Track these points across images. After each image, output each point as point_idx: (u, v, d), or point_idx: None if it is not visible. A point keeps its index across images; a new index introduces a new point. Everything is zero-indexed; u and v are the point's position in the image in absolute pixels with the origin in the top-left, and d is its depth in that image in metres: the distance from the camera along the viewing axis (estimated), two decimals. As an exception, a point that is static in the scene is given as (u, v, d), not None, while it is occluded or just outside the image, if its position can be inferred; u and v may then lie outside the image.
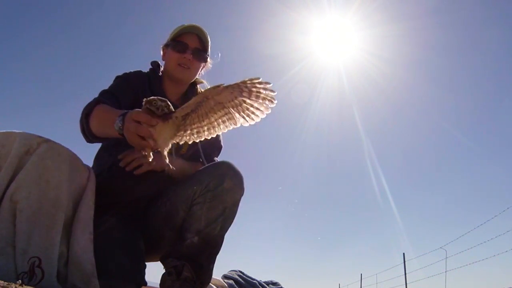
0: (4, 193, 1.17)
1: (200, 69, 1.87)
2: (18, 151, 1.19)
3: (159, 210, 1.62)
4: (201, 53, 1.81)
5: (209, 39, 1.84)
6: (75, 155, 1.30)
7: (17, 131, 1.24)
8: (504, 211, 7.22)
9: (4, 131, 1.26)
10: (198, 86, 1.95)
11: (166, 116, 1.20)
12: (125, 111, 1.28)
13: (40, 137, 1.23)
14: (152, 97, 1.19)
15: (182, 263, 1.51)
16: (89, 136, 1.47)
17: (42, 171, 1.19)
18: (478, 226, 8.20)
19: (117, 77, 1.77)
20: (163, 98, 1.20)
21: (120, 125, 1.23)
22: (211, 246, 1.56)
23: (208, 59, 1.88)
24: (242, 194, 1.55)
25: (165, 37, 1.89)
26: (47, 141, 1.23)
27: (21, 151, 1.19)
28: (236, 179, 1.52)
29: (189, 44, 1.77)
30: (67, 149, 1.27)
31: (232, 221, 1.57)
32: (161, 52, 1.88)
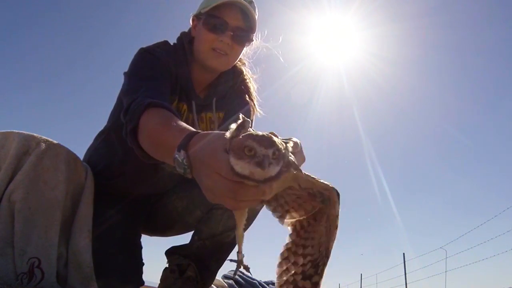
0: (3, 193, 1.16)
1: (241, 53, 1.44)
2: (17, 151, 1.18)
3: (173, 204, 1.57)
4: (244, 35, 1.36)
5: (256, 15, 1.38)
6: (74, 154, 1.30)
7: (16, 131, 1.24)
8: (504, 211, 7.25)
9: (4, 131, 1.25)
10: (240, 68, 1.53)
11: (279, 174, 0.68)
12: (188, 132, 0.80)
13: (39, 137, 1.23)
14: (253, 136, 0.65)
15: (188, 262, 1.49)
16: (144, 158, 1.05)
17: (40, 171, 1.18)
18: (478, 226, 8.23)
19: (149, 54, 1.32)
20: (274, 140, 0.65)
21: (186, 166, 0.76)
22: (222, 252, 1.54)
23: (254, 41, 1.44)
24: (262, 206, 1.49)
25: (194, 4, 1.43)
26: (46, 141, 1.23)
27: (20, 151, 1.19)
28: None
29: (229, 22, 1.32)
30: (66, 148, 1.27)
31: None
32: (191, 22, 1.45)
